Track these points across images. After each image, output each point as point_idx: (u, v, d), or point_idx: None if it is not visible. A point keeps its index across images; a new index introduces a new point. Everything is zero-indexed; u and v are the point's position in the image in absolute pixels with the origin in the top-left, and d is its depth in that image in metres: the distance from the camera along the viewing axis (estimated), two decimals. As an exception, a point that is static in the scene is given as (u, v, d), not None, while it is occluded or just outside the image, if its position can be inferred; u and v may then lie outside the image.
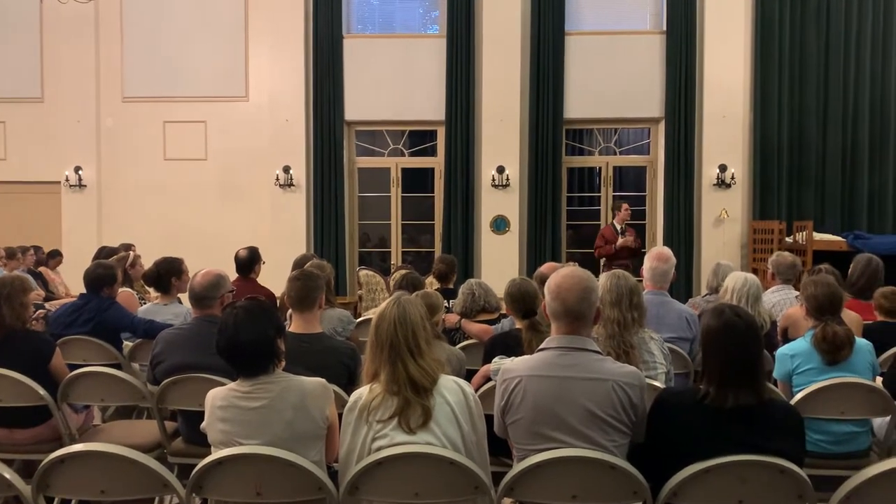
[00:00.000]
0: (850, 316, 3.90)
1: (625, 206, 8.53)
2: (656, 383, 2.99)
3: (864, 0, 9.82)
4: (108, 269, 4.53)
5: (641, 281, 4.10)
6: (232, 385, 2.46)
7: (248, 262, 5.47)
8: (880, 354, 3.66)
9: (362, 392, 2.38)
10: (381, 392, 2.32)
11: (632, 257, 8.05)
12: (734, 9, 9.80)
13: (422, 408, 2.28)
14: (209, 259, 5.05)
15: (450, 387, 2.36)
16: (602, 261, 8.40)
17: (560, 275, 2.47)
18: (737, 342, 2.24)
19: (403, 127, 10.65)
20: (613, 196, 10.27)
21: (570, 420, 2.29)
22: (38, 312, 4.43)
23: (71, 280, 8.92)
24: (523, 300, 3.59)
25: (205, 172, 10.40)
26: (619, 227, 8.39)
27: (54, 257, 9.20)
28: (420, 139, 10.72)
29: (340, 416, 2.43)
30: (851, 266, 4.77)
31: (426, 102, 10.18)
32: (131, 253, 6.04)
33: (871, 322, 4.26)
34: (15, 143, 10.48)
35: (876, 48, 9.87)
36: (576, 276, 2.43)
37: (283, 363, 2.50)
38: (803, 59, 9.86)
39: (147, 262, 5.52)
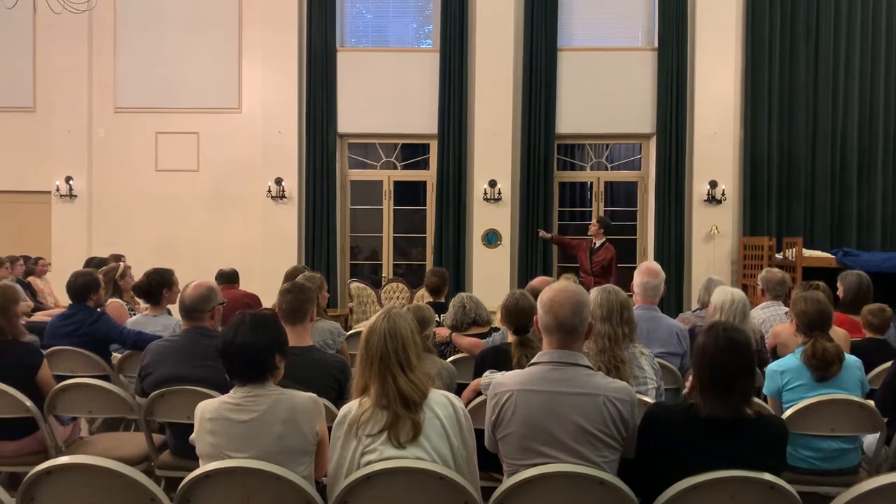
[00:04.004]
0: (837, 332, 3.91)
1: (592, 222, 8.41)
2: (647, 399, 2.98)
3: (852, 20, 9.96)
4: (88, 276, 4.49)
5: (632, 296, 4.11)
6: (223, 397, 2.45)
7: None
8: (868, 371, 3.67)
9: (352, 406, 2.36)
10: (370, 406, 2.31)
11: (605, 275, 7.71)
12: (725, 26, 9.90)
13: (411, 422, 2.26)
14: (200, 270, 5.05)
15: (440, 401, 2.35)
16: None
17: (553, 289, 2.47)
18: (728, 358, 2.24)
19: (396, 140, 10.66)
20: (605, 211, 10.32)
21: (560, 435, 2.28)
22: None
23: (60, 290, 8.82)
24: (518, 316, 3.54)
25: (197, 184, 10.37)
26: (596, 243, 8.06)
27: (36, 263, 8.98)
28: (412, 152, 10.73)
29: (330, 429, 2.41)
30: (842, 284, 4.79)
31: (419, 116, 10.21)
32: (121, 264, 6.00)
33: (858, 339, 4.28)
34: (6, 153, 10.41)
35: (864, 67, 10.00)
36: (568, 291, 2.43)
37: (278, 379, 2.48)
38: (793, 78, 9.97)
39: (137, 274, 5.50)
